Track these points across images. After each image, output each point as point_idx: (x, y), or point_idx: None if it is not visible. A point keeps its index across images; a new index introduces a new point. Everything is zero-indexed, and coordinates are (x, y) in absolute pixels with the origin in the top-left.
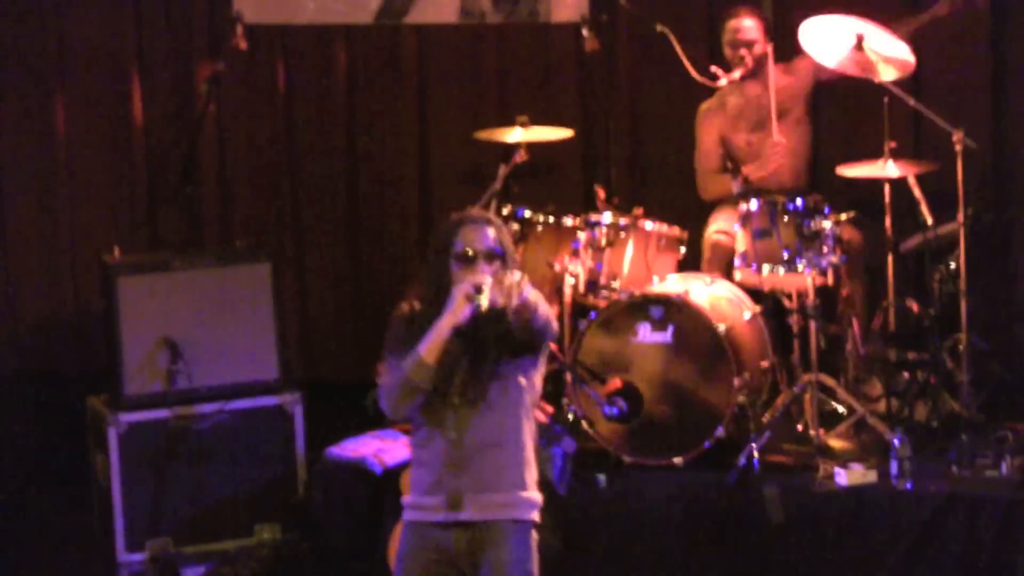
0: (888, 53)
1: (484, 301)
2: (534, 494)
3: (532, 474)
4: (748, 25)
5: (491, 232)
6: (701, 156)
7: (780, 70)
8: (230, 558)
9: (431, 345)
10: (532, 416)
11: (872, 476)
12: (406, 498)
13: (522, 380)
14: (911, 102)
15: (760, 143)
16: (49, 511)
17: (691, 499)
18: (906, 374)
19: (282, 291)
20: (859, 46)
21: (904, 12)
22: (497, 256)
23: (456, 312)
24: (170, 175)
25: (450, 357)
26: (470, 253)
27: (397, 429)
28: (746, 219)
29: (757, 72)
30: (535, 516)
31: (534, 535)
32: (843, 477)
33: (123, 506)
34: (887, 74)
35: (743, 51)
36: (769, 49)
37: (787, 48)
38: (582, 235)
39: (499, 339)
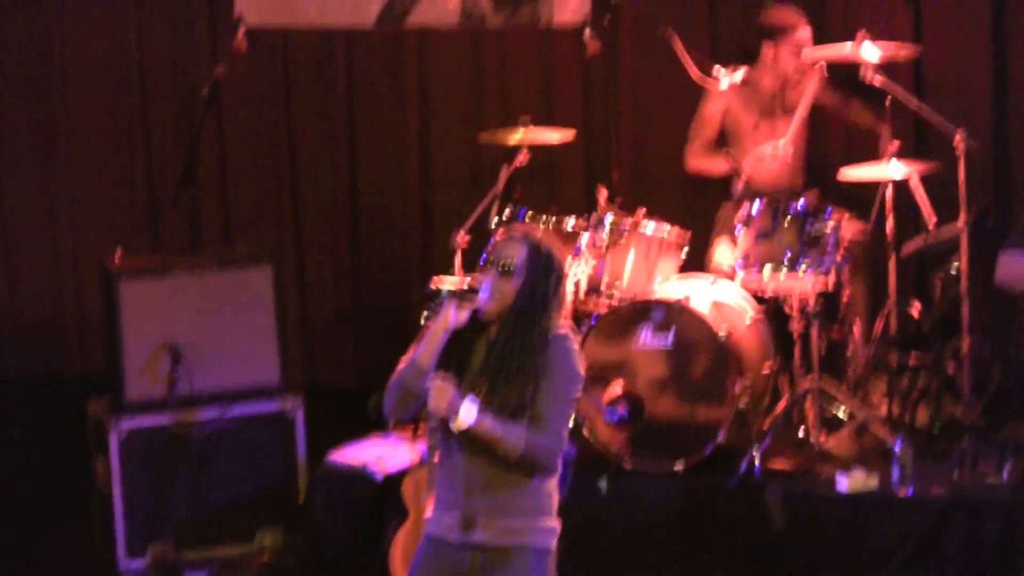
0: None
1: (463, 308)
2: (553, 521)
3: (552, 501)
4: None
5: (514, 249)
6: (699, 123)
7: None
8: (231, 563)
9: (423, 349)
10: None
11: (873, 481)
12: (430, 510)
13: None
14: (912, 103)
15: (766, 132)
16: (50, 516)
17: (692, 505)
18: (908, 378)
19: (284, 295)
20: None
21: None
22: (511, 272)
23: (445, 317)
24: (171, 178)
25: (468, 382)
26: (489, 263)
27: (398, 434)
28: (748, 220)
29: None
30: (552, 544)
31: (551, 563)
32: (844, 482)
33: (124, 511)
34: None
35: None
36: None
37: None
38: (584, 237)
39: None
